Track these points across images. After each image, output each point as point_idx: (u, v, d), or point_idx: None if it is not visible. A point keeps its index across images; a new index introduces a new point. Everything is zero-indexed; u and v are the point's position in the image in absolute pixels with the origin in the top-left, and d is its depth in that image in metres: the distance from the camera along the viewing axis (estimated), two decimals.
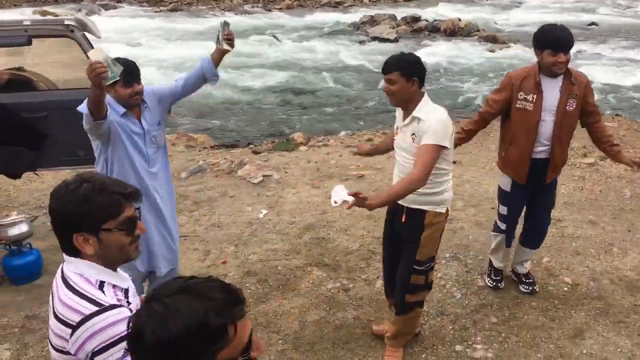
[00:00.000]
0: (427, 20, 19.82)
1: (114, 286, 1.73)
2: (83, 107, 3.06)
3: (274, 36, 18.56)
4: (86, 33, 4.92)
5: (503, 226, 4.19)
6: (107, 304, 1.65)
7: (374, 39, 18.07)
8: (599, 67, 13.99)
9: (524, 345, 3.74)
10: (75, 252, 1.72)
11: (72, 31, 4.82)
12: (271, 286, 4.45)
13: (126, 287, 1.78)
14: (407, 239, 3.35)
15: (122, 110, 3.31)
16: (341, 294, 4.33)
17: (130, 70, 3.19)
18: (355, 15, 22.38)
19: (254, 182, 6.44)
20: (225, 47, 3.44)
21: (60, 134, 5.08)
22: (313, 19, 23.03)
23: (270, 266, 4.72)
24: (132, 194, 1.74)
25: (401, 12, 21.83)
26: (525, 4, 26.57)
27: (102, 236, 1.70)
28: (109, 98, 3.21)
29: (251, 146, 8.30)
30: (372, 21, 20.19)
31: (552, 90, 3.72)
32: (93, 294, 1.66)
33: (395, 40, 17.67)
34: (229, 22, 3.47)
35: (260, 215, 5.63)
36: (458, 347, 3.72)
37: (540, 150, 3.84)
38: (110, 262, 1.75)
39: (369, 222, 5.40)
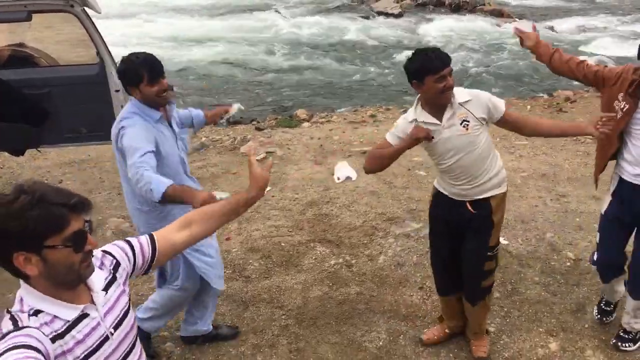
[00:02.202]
0: None
1: (55, 317, 1.53)
2: (158, 189, 2.65)
3: (277, 11, 18.37)
4: (86, 8, 4.87)
5: (595, 256, 3.52)
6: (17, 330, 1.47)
7: (379, 13, 17.83)
8: (604, 40, 13.80)
9: (526, 319, 3.75)
10: (20, 274, 1.52)
11: (72, 6, 4.78)
12: (274, 262, 4.47)
13: (70, 319, 1.56)
14: (475, 228, 3.17)
15: (158, 115, 2.97)
16: (344, 270, 4.34)
17: (152, 65, 2.91)
18: None
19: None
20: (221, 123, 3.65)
21: (62, 111, 5.08)
22: None
23: (273, 242, 4.73)
24: (78, 205, 1.53)
25: None
26: None
27: (46, 254, 1.49)
28: (140, 104, 2.94)
29: (254, 122, 8.26)
30: None
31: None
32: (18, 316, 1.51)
33: (400, 15, 17.43)
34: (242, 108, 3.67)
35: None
36: None
37: (635, 173, 3.17)
38: (60, 283, 1.55)
39: (372, 198, 5.39)
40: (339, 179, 5.84)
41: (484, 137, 3.02)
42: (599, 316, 3.73)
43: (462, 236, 3.26)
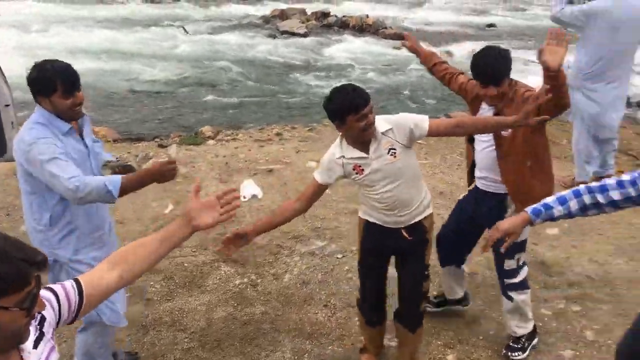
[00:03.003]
0: (336, 16, 20.03)
1: None
2: (115, 185, 2.65)
3: (182, 27, 18.12)
4: None
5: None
6: None
7: (284, 33, 18.05)
8: None
9: (425, 333, 3.86)
10: None
11: None
12: (177, 283, 4.36)
13: None
14: (411, 251, 3.21)
15: (67, 127, 2.74)
16: (249, 289, 4.31)
17: (69, 77, 2.71)
18: (266, 9, 22.23)
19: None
20: None
21: None
22: (222, 11, 22.68)
23: (176, 263, 4.62)
24: (42, 262, 1.38)
25: (313, 7, 21.91)
26: (430, 3, 27.38)
27: None
28: (48, 114, 2.71)
29: (157, 140, 8.06)
30: (283, 15, 20.15)
31: (489, 110, 3.37)
32: None
33: (305, 35, 17.72)
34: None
35: (167, 211, 5.49)
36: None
37: (478, 176, 3.55)
38: None
39: None
40: (244, 197, 5.80)
41: (412, 161, 3.07)
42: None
43: (389, 262, 3.30)
